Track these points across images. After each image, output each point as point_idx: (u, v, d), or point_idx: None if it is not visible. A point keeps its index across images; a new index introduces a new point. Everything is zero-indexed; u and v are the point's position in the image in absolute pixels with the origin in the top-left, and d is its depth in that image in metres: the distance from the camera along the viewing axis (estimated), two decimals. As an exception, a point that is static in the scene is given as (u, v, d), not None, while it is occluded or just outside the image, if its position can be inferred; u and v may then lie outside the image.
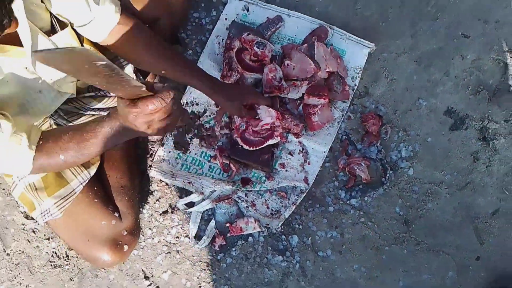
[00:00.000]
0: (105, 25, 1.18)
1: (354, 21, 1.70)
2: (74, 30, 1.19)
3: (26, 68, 1.08)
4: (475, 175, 1.60)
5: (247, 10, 1.72)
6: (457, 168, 1.61)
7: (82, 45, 1.25)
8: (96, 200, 1.42)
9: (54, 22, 1.13)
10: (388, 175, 1.61)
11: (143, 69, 1.42)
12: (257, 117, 1.51)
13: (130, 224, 1.47)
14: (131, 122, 0.93)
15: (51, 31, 1.13)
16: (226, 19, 1.72)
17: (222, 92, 1.41)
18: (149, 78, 1.55)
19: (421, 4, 1.69)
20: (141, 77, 1.50)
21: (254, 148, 1.54)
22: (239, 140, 1.54)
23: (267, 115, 1.50)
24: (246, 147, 1.54)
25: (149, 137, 1.67)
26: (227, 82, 1.57)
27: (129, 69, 1.43)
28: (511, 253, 1.55)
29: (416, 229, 1.58)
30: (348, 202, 1.61)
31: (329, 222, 1.61)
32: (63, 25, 1.15)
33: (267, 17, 1.70)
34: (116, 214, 1.44)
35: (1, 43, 1.01)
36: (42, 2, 1.08)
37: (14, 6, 0.90)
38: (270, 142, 1.53)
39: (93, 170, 1.42)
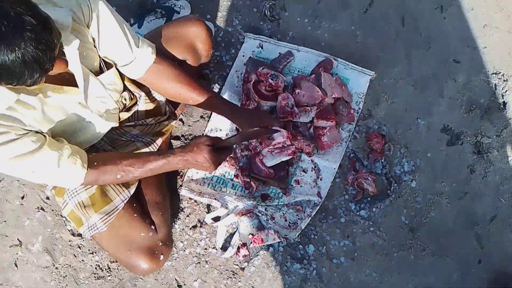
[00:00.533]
0: (143, 64, 1.40)
1: (356, 52, 1.93)
2: (117, 69, 1.42)
3: (79, 103, 1.32)
4: (473, 185, 1.76)
5: (262, 48, 1.97)
6: (455, 180, 1.77)
7: (123, 82, 1.49)
8: (135, 215, 1.60)
9: (101, 64, 1.36)
10: (393, 187, 1.79)
11: (174, 100, 1.61)
12: (270, 138, 1.72)
13: (164, 236, 1.64)
14: (201, 162, 1.36)
15: (99, 71, 1.36)
16: (243, 56, 1.97)
17: (242, 116, 1.61)
18: (178, 109, 1.79)
19: (414, 35, 1.91)
20: (172, 108, 1.72)
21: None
22: (257, 159, 1.75)
23: (279, 135, 1.70)
24: (262, 166, 1.75)
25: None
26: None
27: (162, 101, 1.65)
28: (510, 255, 1.68)
29: (421, 236, 1.74)
30: (358, 213, 1.79)
31: (342, 232, 1.78)
32: (108, 66, 1.38)
33: (279, 53, 1.94)
34: (153, 227, 1.62)
35: (60, 84, 1.24)
36: (94, 46, 1.31)
37: (67, 50, 1.14)
38: (283, 158, 1.73)
39: (132, 189, 1.60)
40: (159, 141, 1.66)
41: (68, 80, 1.25)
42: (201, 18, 1.71)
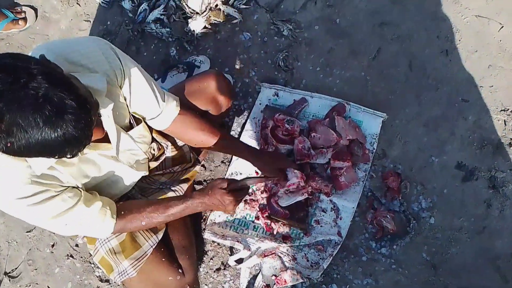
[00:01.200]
0: (169, 117, 1.50)
1: (367, 96, 2.03)
2: (145, 122, 1.52)
3: (112, 157, 1.41)
4: (490, 220, 1.78)
5: (277, 96, 2.09)
6: (473, 215, 1.80)
7: (151, 134, 1.58)
8: (163, 259, 1.64)
9: (131, 119, 1.46)
10: (412, 224, 1.82)
11: (197, 146, 1.70)
12: (285, 179, 1.79)
13: (191, 279, 1.67)
14: (218, 204, 1.47)
15: (129, 127, 1.45)
16: (260, 103, 2.08)
17: (261, 158, 1.71)
18: (201, 155, 1.88)
19: (422, 78, 2.01)
20: (195, 154, 1.82)
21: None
22: (272, 200, 1.82)
23: (293, 176, 1.78)
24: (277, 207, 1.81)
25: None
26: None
27: (186, 148, 1.76)
28: (535, 289, 1.68)
29: (443, 272, 1.75)
30: (379, 251, 1.81)
31: (364, 270, 1.80)
32: (138, 120, 1.47)
33: (294, 100, 2.06)
34: (180, 271, 1.66)
35: (95, 142, 1.32)
36: (126, 105, 1.40)
37: (102, 112, 1.22)
38: (298, 198, 1.80)
39: (160, 234, 1.66)
40: (185, 186, 1.75)
41: (101, 140, 1.32)
42: (221, 72, 1.83)
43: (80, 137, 1.01)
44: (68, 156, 1.04)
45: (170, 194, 1.69)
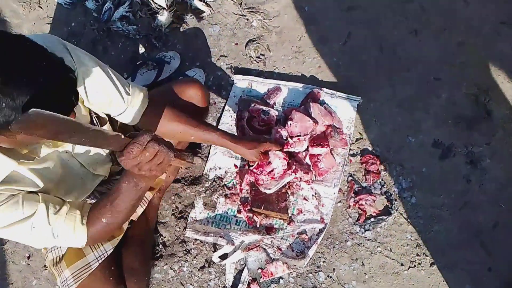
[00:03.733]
0: (137, 110, 1.40)
1: (341, 81, 2.02)
2: (110, 119, 1.42)
3: (66, 152, 1.32)
4: (471, 195, 1.79)
5: (251, 87, 2.06)
6: (453, 191, 1.81)
7: (116, 130, 1.49)
8: (111, 279, 1.53)
9: (94, 119, 1.37)
10: (393, 205, 1.81)
11: (174, 139, 1.60)
12: (268, 163, 1.76)
13: None
14: (128, 170, 1.08)
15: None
16: (234, 96, 2.05)
17: (243, 144, 1.62)
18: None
19: (393, 60, 2.01)
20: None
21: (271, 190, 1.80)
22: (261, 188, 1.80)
23: (275, 157, 1.75)
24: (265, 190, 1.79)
25: (182, 202, 1.92)
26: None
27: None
28: (518, 259, 1.69)
29: (428, 250, 1.75)
30: (363, 235, 1.80)
31: (350, 256, 1.78)
32: (101, 121, 1.39)
33: (268, 89, 2.03)
34: None
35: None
36: (85, 104, 1.30)
37: None
38: (287, 180, 1.78)
39: (108, 247, 1.52)
40: (150, 195, 1.70)
41: None
42: (198, 81, 1.76)
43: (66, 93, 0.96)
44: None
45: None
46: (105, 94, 1.31)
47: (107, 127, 1.41)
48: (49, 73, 0.93)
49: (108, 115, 1.42)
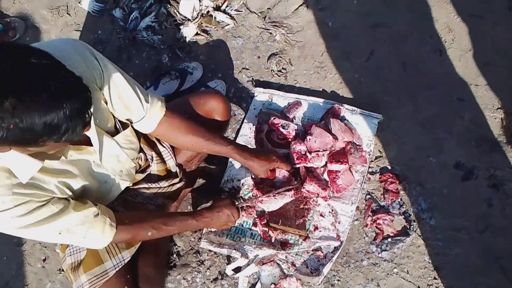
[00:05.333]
0: (154, 118, 1.44)
1: (362, 98, 2.01)
2: (133, 128, 1.46)
3: (93, 161, 1.36)
4: (492, 219, 1.75)
5: (271, 100, 2.06)
6: (474, 215, 1.76)
7: (139, 140, 1.53)
8: (126, 287, 1.52)
9: (117, 124, 1.41)
10: (412, 226, 1.78)
11: (187, 149, 1.65)
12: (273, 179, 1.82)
13: None
14: (210, 216, 1.58)
15: (115, 132, 1.40)
16: (254, 109, 2.06)
17: (253, 159, 1.64)
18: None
19: (416, 78, 1.99)
20: (181, 170, 1.74)
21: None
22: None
23: (281, 174, 1.81)
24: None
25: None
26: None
27: (172, 163, 1.68)
28: (541, 288, 1.63)
29: (446, 274, 1.70)
30: (379, 255, 1.77)
31: (365, 276, 1.75)
32: (124, 126, 1.42)
33: (288, 103, 2.03)
34: None
35: (78, 144, 1.29)
36: (106, 104, 1.33)
37: None
38: (286, 200, 1.81)
39: (126, 254, 1.53)
40: (170, 203, 1.71)
41: (84, 143, 1.30)
42: (221, 93, 1.76)
43: (82, 114, 0.99)
44: (73, 135, 1.00)
45: (154, 210, 1.66)
46: (126, 100, 1.35)
47: (129, 131, 1.43)
48: (66, 94, 0.95)
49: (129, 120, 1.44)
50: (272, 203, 1.80)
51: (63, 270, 1.92)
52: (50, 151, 1.17)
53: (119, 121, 1.41)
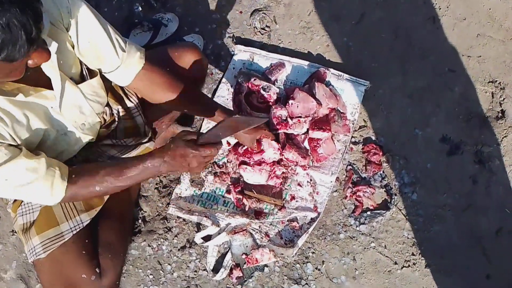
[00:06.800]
0: (131, 70, 1.28)
1: (349, 63, 1.88)
2: (101, 76, 1.31)
3: (52, 108, 1.20)
4: (476, 197, 1.69)
5: (252, 60, 1.91)
6: (458, 191, 1.70)
7: (106, 92, 1.37)
8: (83, 252, 1.41)
9: (84, 71, 1.25)
10: (393, 200, 1.70)
11: (166, 108, 1.51)
12: (261, 150, 1.64)
13: (109, 283, 1.45)
14: (163, 152, 1.16)
15: (80, 80, 1.25)
16: (233, 68, 1.90)
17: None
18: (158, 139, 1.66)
19: (407, 46, 1.88)
20: (150, 129, 1.59)
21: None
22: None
23: (269, 147, 1.64)
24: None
25: (168, 176, 1.78)
26: None
27: (140, 120, 1.53)
28: (520, 269, 1.59)
29: (425, 251, 1.64)
30: (357, 228, 1.69)
31: (341, 249, 1.67)
32: (92, 73, 1.27)
33: (271, 64, 1.89)
34: (98, 270, 1.42)
35: (37, 86, 1.13)
36: (73, 48, 1.18)
37: (50, 47, 1.04)
38: (261, 182, 1.69)
39: (85, 217, 1.42)
40: None
41: (43, 85, 1.15)
42: (198, 47, 1.62)
43: (27, 27, 0.83)
44: (16, 55, 0.85)
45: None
46: (97, 46, 1.19)
47: (96, 82, 1.28)
48: None
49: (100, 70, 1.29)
50: (252, 175, 1.67)
51: (15, 232, 1.76)
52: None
53: (87, 68, 1.25)
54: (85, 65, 1.25)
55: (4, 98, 1.06)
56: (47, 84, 1.15)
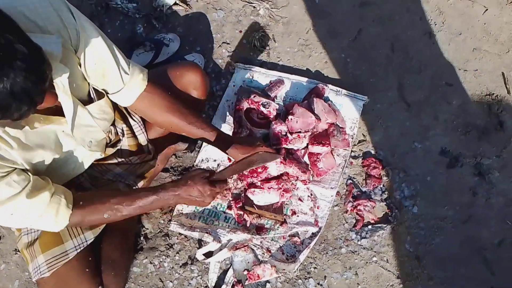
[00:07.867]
0: (134, 91, 1.31)
1: (347, 79, 1.91)
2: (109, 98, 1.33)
3: (63, 131, 1.22)
4: (476, 208, 1.69)
5: (252, 77, 1.94)
6: (458, 203, 1.70)
7: (114, 112, 1.39)
8: (87, 270, 1.41)
9: (91, 92, 1.27)
10: (394, 213, 1.70)
11: (166, 129, 1.52)
12: (263, 166, 1.64)
13: None
14: (174, 187, 1.30)
15: (88, 101, 1.26)
16: (234, 85, 1.94)
17: (236, 148, 1.46)
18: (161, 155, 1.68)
19: (404, 61, 1.91)
20: (153, 147, 1.60)
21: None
22: (248, 193, 1.67)
23: (272, 159, 1.59)
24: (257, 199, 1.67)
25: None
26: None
27: (142, 138, 1.55)
28: (523, 281, 1.58)
29: (427, 264, 1.64)
30: (359, 242, 1.68)
31: (343, 264, 1.67)
32: (99, 94, 1.29)
33: (270, 81, 1.92)
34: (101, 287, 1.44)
35: (45, 114, 1.14)
36: (83, 75, 1.21)
37: (57, 81, 1.05)
38: (273, 200, 1.68)
39: (89, 236, 1.41)
40: (141, 182, 1.58)
41: (54, 109, 1.16)
42: (199, 66, 1.65)
43: (31, 92, 0.84)
44: (15, 115, 0.86)
45: (124, 189, 1.51)
46: (103, 68, 1.22)
47: (104, 102, 1.30)
48: (8, 64, 0.80)
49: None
50: (260, 197, 1.68)
51: (18, 251, 1.77)
52: None
53: (95, 90, 1.27)
54: (92, 86, 1.27)
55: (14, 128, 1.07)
56: (58, 108, 1.15)
